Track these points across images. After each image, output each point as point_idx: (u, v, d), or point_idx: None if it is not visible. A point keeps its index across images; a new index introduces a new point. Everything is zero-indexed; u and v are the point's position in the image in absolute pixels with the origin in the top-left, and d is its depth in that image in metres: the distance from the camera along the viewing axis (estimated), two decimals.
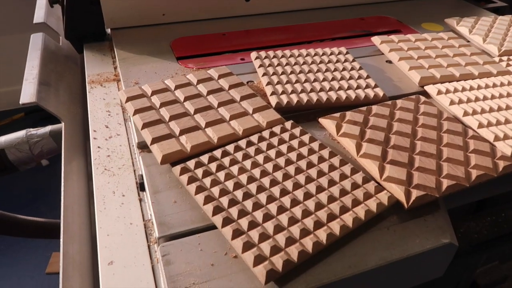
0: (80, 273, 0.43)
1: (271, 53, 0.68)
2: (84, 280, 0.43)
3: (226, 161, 0.46)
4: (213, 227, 0.41)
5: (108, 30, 0.81)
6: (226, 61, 0.72)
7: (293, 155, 0.47)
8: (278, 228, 0.38)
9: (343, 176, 0.45)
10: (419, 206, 0.44)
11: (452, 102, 0.58)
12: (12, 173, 0.95)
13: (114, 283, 0.38)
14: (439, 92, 0.61)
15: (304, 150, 0.48)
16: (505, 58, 0.72)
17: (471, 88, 0.62)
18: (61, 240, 0.45)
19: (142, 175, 0.48)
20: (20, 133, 0.90)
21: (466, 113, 0.56)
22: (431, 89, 0.62)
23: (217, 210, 0.40)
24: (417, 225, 0.42)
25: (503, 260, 0.88)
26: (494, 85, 0.63)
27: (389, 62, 0.72)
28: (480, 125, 0.54)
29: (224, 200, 0.41)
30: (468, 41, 0.80)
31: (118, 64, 0.69)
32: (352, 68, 0.65)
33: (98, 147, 0.54)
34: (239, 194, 0.42)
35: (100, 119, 0.59)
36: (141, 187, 0.48)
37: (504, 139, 0.52)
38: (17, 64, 1.20)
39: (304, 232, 0.38)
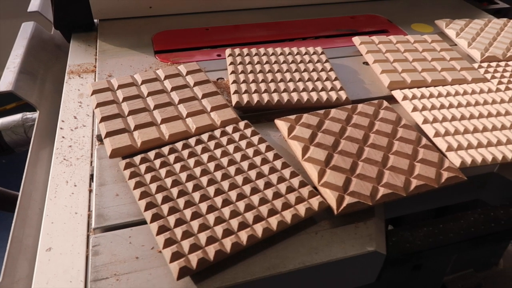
0: (26, 257, 0.46)
1: (245, 50, 0.69)
2: (30, 264, 0.46)
3: (171, 158, 0.48)
4: (146, 222, 0.43)
5: (97, 21, 0.83)
6: (203, 56, 0.73)
7: (237, 156, 0.49)
8: (203, 227, 0.40)
9: (280, 179, 0.46)
10: (353, 213, 0.44)
11: (414, 109, 0.58)
12: (9, 154, 1.00)
13: (48, 268, 0.40)
14: (405, 98, 0.60)
15: (250, 151, 0.49)
16: (485, 64, 0.70)
17: (439, 95, 0.61)
18: (13, 223, 0.48)
19: (93, 167, 0.50)
20: (17, 116, 0.94)
21: (425, 121, 0.56)
22: (397, 94, 0.61)
23: (150, 206, 0.42)
24: (347, 232, 0.43)
25: (478, 269, 0.87)
26: (465, 93, 0.62)
27: (366, 63, 0.72)
28: (437, 134, 0.53)
29: (159, 197, 0.43)
30: (456, 44, 0.79)
31: (97, 56, 0.72)
32: (322, 69, 0.66)
33: (63, 137, 0.57)
34: (174, 191, 0.44)
35: (71, 109, 0.62)
36: (92, 178, 0.50)
37: (457, 150, 0.51)
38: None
39: (227, 232, 0.40)
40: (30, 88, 0.70)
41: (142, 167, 0.47)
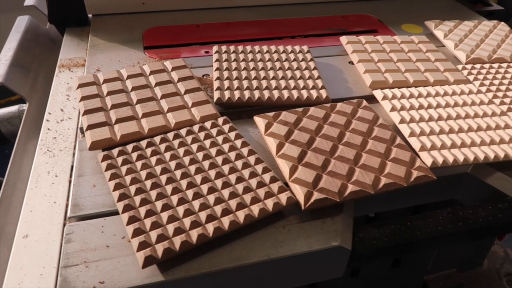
0: (6, 243, 0.48)
1: (232, 47, 0.70)
2: (9, 251, 0.48)
3: (148, 151, 0.49)
4: (119, 212, 0.44)
5: (91, 16, 0.85)
6: (192, 53, 0.74)
7: (213, 151, 0.50)
8: (172, 218, 0.41)
9: (252, 174, 0.47)
10: (322, 209, 0.46)
11: (393, 109, 0.59)
12: (5, 144, 1.02)
13: (23, 254, 0.42)
14: (384, 98, 0.61)
15: (225, 146, 0.51)
16: (469, 66, 0.71)
17: (420, 95, 0.62)
18: None
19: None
20: (13, 108, 0.96)
21: (402, 121, 0.57)
22: (378, 93, 0.62)
23: (123, 197, 0.43)
24: (313, 227, 0.44)
25: (460, 269, 0.88)
26: (445, 94, 0.63)
27: (351, 63, 0.73)
28: (412, 134, 0.54)
29: (132, 189, 0.44)
30: (444, 46, 0.80)
31: (88, 50, 0.73)
32: (306, 68, 0.67)
33: (48, 128, 0.58)
34: (148, 184, 0.45)
35: (58, 102, 0.63)
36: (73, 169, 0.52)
37: (431, 150, 0.52)
38: None
39: (194, 224, 0.41)
40: (22, 81, 0.72)
41: (119, 160, 0.48)
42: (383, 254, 0.46)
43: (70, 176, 0.51)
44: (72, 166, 0.51)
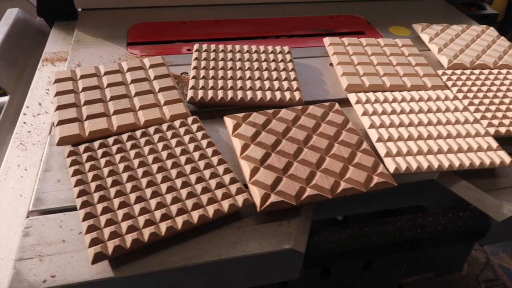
0: None
1: (213, 46, 0.70)
2: None
3: (114, 148, 0.50)
4: None
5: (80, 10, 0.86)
6: (174, 50, 0.75)
7: (178, 150, 0.51)
8: (127, 216, 0.42)
9: (213, 175, 0.47)
10: (280, 212, 0.46)
11: (364, 113, 0.59)
12: None
13: None
14: (358, 101, 0.61)
15: (191, 146, 0.51)
16: (449, 71, 0.70)
17: (394, 100, 0.62)
18: None
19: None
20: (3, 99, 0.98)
21: (372, 126, 0.57)
22: (352, 97, 0.62)
23: (82, 193, 0.44)
24: (268, 229, 0.45)
25: (438, 273, 0.88)
26: (420, 99, 0.63)
27: (332, 65, 0.73)
28: (379, 139, 0.54)
29: (93, 185, 0.45)
30: (429, 49, 0.79)
31: (71, 45, 0.74)
32: (284, 69, 0.67)
33: (24, 122, 0.59)
34: (109, 181, 0.46)
35: (37, 96, 0.64)
36: None
37: (396, 156, 0.52)
38: None
39: (148, 223, 0.42)
40: (7, 74, 0.73)
41: (84, 156, 0.49)
42: (337, 258, 0.46)
43: (39, 170, 0.52)
44: (41, 160, 0.53)
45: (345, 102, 0.64)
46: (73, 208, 0.45)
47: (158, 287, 0.42)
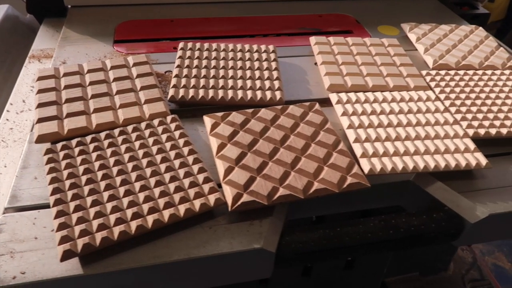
0: None
1: (198, 44, 0.71)
2: None
3: (91, 147, 0.51)
4: None
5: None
6: (160, 48, 0.75)
7: (154, 149, 0.51)
8: (99, 214, 0.43)
9: (187, 174, 0.48)
10: (252, 211, 0.47)
11: (344, 113, 0.59)
12: None
13: None
14: (339, 101, 0.61)
15: (168, 145, 0.52)
16: (433, 72, 0.70)
17: (375, 101, 0.62)
18: None
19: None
20: None
21: (350, 126, 0.57)
22: (333, 97, 0.62)
23: (56, 191, 0.45)
24: (240, 228, 0.45)
25: (423, 273, 0.88)
26: (401, 100, 0.63)
27: (317, 64, 0.73)
28: (356, 140, 0.55)
29: (67, 183, 0.46)
30: (416, 49, 0.79)
31: (58, 42, 0.75)
32: (267, 68, 0.67)
33: (7, 119, 0.60)
34: (84, 179, 0.47)
35: (22, 93, 0.65)
36: None
37: (372, 157, 0.52)
38: None
39: (119, 221, 0.42)
40: None
41: (61, 154, 0.50)
42: (308, 258, 0.47)
43: None
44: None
45: (327, 102, 0.64)
46: (48, 206, 0.46)
47: (128, 285, 0.42)
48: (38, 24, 0.88)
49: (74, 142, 0.51)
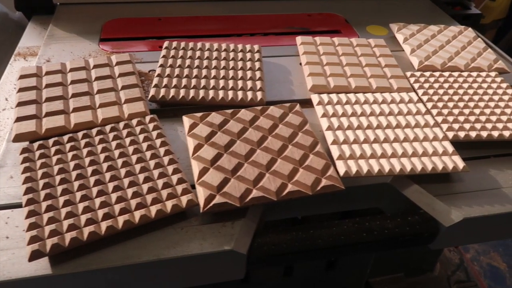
0: None
1: (182, 43, 0.71)
2: None
3: (68, 146, 0.51)
4: None
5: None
6: (145, 47, 0.75)
7: (131, 149, 0.51)
8: (70, 215, 0.43)
9: (161, 175, 0.48)
10: (226, 212, 0.47)
11: (324, 115, 0.59)
12: None
13: None
14: (320, 102, 0.61)
15: (144, 145, 0.52)
16: (418, 73, 0.70)
17: (356, 102, 0.62)
18: None
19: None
20: None
21: (329, 128, 0.57)
22: (314, 97, 0.62)
23: (29, 191, 0.45)
24: (211, 230, 0.45)
25: (409, 274, 0.88)
26: (383, 102, 0.63)
27: (301, 64, 0.73)
28: (334, 142, 0.55)
29: (41, 183, 0.46)
30: (403, 50, 0.79)
31: (44, 40, 0.75)
32: (250, 68, 0.67)
33: None
34: (58, 179, 0.47)
35: (5, 91, 0.65)
36: None
37: (348, 159, 0.52)
38: None
39: (89, 222, 0.43)
40: None
41: (37, 153, 0.50)
42: (281, 260, 0.47)
43: None
44: None
45: (309, 103, 0.64)
46: (22, 205, 0.46)
47: (98, 285, 0.43)
48: (27, 21, 0.88)
49: (51, 141, 0.51)
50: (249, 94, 0.62)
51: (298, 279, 0.70)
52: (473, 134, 0.58)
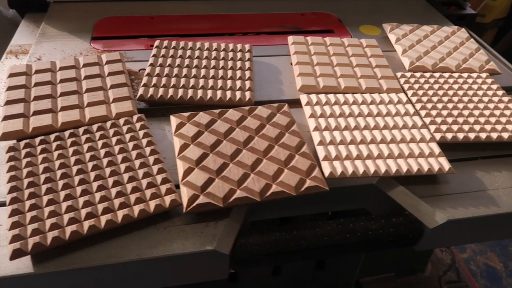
0: None
1: (173, 43, 0.71)
2: None
3: (54, 145, 0.51)
4: None
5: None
6: (136, 45, 0.75)
7: (117, 148, 0.51)
8: (53, 214, 0.43)
9: (146, 174, 0.48)
10: (209, 213, 0.47)
11: (312, 115, 0.59)
12: None
13: None
14: (308, 103, 0.61)
15: (130, 145, 0.52)
16: (409, 74, 0.70)
17: (345, 103, 0.62)
18: None
19: None
20: None
21: (316, 128, 0.57)
22: (303, 98, 0.62)
23: (13, 189, 0.45)
24: (194, 230, 0.46)
25: (399, 273, 0.88)
26: (372, 102, 0.63)
27: (292, 64, 0.73)
28: (321, 142, 0.55)
29: (26, 182, 0.46)
30: (395, 50, 0.79)
31: (36, 38, 0.75)
32: (240, 68, 0.67)
33: None
34: (42, 178, 0.47)
35: None
36: None
37: (334, 160, 0.52)
38: None
39: (72, 221, 0.43)
40: None
41: (23, 152, 0.50)
42: (263, 260, 0.47)
43: None
44: None
45: (299, 103, 0.64)
46: (6, 204, 0.46)
47: (80, 284, 0.43)
48: (21, 19, 0.88)
49: (37, 140, 0.52)
50: (238, 94, 0.62)
51: (287, 278, 0.70)
52: (460, 135, 0.58)
